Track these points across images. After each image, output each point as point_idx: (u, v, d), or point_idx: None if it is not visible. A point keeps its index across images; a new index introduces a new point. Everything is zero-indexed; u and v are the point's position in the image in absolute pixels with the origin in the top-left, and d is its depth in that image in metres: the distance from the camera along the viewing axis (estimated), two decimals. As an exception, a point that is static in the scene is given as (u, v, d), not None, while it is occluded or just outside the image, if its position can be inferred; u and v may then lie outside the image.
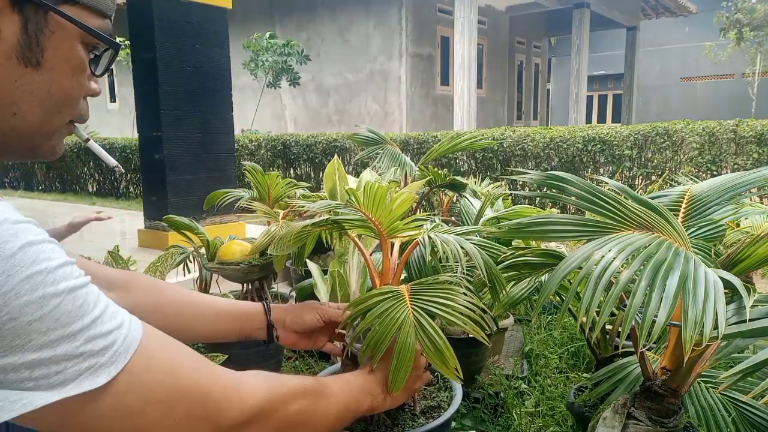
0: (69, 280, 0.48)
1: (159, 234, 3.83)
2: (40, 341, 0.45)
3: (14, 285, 0.44)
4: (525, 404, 1.58)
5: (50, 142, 0.62)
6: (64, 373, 0.46)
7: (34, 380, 0.45)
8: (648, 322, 0.67)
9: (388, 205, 0.97)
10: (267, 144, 7.36)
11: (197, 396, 0.57)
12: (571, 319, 2.08)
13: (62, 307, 0.46)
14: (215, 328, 0.94)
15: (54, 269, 0.47)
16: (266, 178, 1.90)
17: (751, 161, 4.44)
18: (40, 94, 0.57)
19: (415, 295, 0.92)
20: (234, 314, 0.96)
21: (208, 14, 3.81)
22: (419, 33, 10.40)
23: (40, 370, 0.45)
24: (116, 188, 8.80)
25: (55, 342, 0.46)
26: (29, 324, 0.44)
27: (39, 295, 0.45)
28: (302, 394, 0.69)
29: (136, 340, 0.52)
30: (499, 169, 5.55)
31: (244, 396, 0.60)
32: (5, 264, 0.44)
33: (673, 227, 0.81)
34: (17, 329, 0.44)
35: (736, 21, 12.93)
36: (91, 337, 0.48)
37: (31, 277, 0.45)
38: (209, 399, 0.57)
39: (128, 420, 0.52)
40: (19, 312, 0.44)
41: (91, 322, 0.48)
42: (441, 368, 0.84)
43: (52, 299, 0.46)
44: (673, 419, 0.87)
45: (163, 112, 3.62)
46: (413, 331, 0.84)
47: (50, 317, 0.45)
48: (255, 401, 0.61)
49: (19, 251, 0.45)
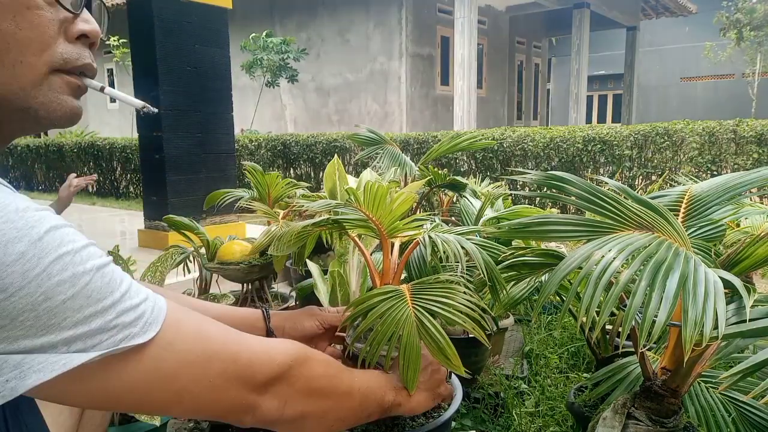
0: (94, 259, 0.49)
1: (159, 234, 3.83)
2: (75, 318, 0.46)
3: (45, 266, 0.45)
4: (525, 404, 1.58)
5: (37, 99, 0.55)
6: (101, 345, 0.48)
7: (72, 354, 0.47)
8: (648, 322, 0.67)
9: (388, 205, 0.97)
10: (267, 144, 7.36)
11: (229, 357, 0.59)
12: (571, 319, 2.08)
13: (92, 284, 0.48)
14: None
15: (80, 249, 0.48)
16: (266, 178, 1.90)
17: (751, 161, 4.44)
18: None
19: (415, 294, 0.92)
20: (234, 320, 0.96)
21: (208, 14, 3.81)
22: (419, 33, 10.40)
23: (77, 345, 0.47)
24: (116, 188, 8.80)
25: (89, 318, 0.47)
26: (63, 303, 0.46)
27: (69, 275, 0.46)
28: (326, 362, 0.72)
29: (163, 310, 0.54)
30: (499, 169, 5.55)
31: (273, 354, 0.63)
32: (35, 247, 0.45)
33: (673, 227, 0.81)
34: (52, 308, 0.45)
35: (736, 21, 12.92)
36: (122, 311, 0.50)
37: (61, 257, 0.46)
38: (240, 359, 0.60)
39: (165, 383, 0.54)
40: (53, 292, 0.45)
41: (121, 296, 0.50)
42: (446, 364, 0.84)
43: (82, 277, 0.47)
44: (673, 419, 0.87)
45: (163, 112, 3.62)
46: (415, 330, 0.85)
47: (82, 295, 0.47)
48: (283, 358, 0.64)
49: (45, 235, 0.46)
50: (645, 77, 16.21)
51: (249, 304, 1.78)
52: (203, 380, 0.56)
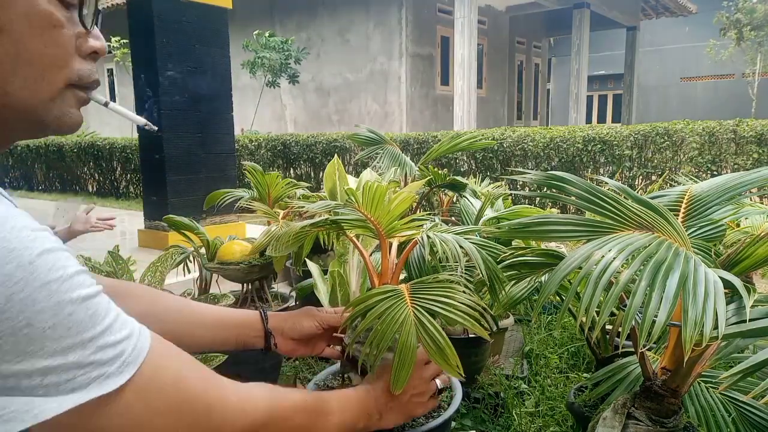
0: (82, 288, 0.48)
1: (159, 234, 3.83)
2: (53, 348, 0.45)
3: (31, 292, 0.44)
4: (525, 404, 1.58)
5: (51, 113, 0.56)
6: (74, 382, 0.47)
7: (45, 387, 0.46)
8: (648, 322, 0.67)
9: (386, 205, 0.97)
10: (267, 144, 7.36)
11: (202, 409, 0.57)
12: (571, 319, 2.08)
13: (75, 315, 0.47)
14: (214, 336, 0.94)
15: (69, 277, 0.47)
16: (266, 178, 1.90)
17: (751, 161, 4.44)
18: (9, 61, 0.51)
19: (415, 294, 0.92)
20: (233, 322, 0.96)
21: (208, 14, 3.81)
22: (419, 33, 10.40)
23: (50, 378, 0.46)
24: (116, 188, 8.80)
25: (66, 350, 0.46)
26: (43, 331, 0.45)
27: (54, 303, 0.45)
28: (303, 409, 0.71)
29: (144, 350, 0.53)
30: (499, 169, 5.55)
31: (247, 409, 0.62)
32: (24, 270, 0.44)
33: (673, 227, 0.81)
34: (32, 335, 0.44)
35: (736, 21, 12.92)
36: (100, 347, 0.49)
37: (48, 284, 0.45)
38: (213, 412, 0.58)
39: (136, 430, 0.52)
40: (35, 319, 0.44)
41: (102, 331, 0.49)
42: (443, 366, 0.84)
43: (67, 307, 0.46)
44: (673, 419, 0.87)
45: (163, 112, 3.62)
46: (414, 330, 0.84)
47: (63, 325, 0.46)
48: (257, 414, 0.62)
49: (37, 258, 0.45)
50: (645, 77, 16.21)
51: (249, 304, 1.78)
52: (174, 430, 0.55)
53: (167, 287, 2.13)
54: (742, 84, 14.69)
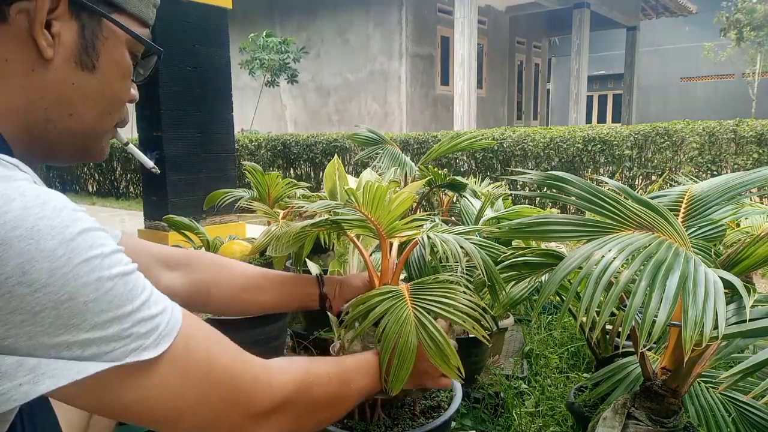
0: (120, 265, 0.51)
1: (159, 234, 3.82)
2: (93, 321, 0.48)
3: (74, 267, 0.46)
4: (525, 404, 1.58)
5: (100, 144, 0.67)
6: (113, 354, 0.49)
7: (85, 359, 0.48)
8: (648, 322, 0.67)
9: (386, 205, 0.97)
10: (267, 144, 7.36)
11: (232, 383, 0.60)
12: (571, 319, 2.07)
13: (115, 290, 0.49)
14: (280, 298, 1.02)
15: (108, 255, 0.50)
16: (266, 178, 1.90)
17: (751, 161, 4.44)
18: (94, 96, 0.61)
19: (415, 294, 0.92)
20: (293, 288, 1.03)
21: (208, 14, 3.81)
22: (419, 33, 10.39)
23: (91, 350, 0.48)
24: (116, 188, 8.80)
25: (106, 323, 0.48)
26: (85, 304, 0.47)
27: (95, 278, 0.48)
28: (327, 381, 0.73)
29: (177, 325, 0.55)
30: (499, 169, 5.55)
31: (274, 385, 0.64)
32: (66, 247, 0.46)
33: (673, 227, 0.81)
34: (74, 308, 0.46)
35: (736, 21, 12.93)
36: (138, 320, 0.51)
37: (89, 260, 0.48)
38: (242, 387, 0.61)
39: (169, 401, 0.55)
40: (77, 293, 0.47)
41: (140, 306, 0.51)
42: (443, 367, 0.84)
43: (107, 282, 0.49)
44: (673, 419, 0.87)
45: (163, 112, 3.61)
46: (414, 330, 0.84)
47: (104, 299, 0.48)
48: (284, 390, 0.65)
49: (78, 236, 0.48)
50: (645, 77, 16.21)
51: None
52: (205, 402, 0.57)
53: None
54: (742, 84, 14.69)
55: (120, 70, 0.63)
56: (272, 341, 1.67)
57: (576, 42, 11.41)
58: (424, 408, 1.08)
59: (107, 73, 0.62)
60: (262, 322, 1.65)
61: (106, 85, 0.62)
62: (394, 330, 0.84)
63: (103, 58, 0.61)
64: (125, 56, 0.64)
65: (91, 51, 0.59)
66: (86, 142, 0.65)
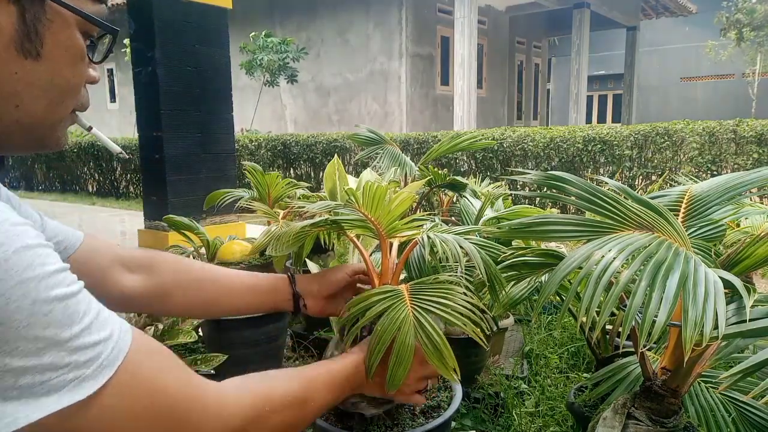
0: (61, 287, 0.47)
1: (159, 234, 3.82)
2: (28, 348, 0.44)
3: (6, 290, 0.43)
4: (525, 404, 1.58)
5: (55, 133, 0.61)
6: (49, 384, 0.45)
7: (19, 389, 0.44)
8: (648, 322, 0.67)
9: (386, 205, 0.97)
10: (267, 144, 7.36)
11: (179, 414, 0.56)
12: (571, 319, 2.07)
13: (52, 315, 0.45)
14: (247, 303, 0.97)
15: (48, 275, 0.46)
16: (266, 178, 1.90)
17: (751, 161, 4.44)
18: (42, 85, 0.56)
19: (414, 294, 0.92)
20: (263, 288, 0.99)
21: (208, 14, 3.81)
22: (419, 33, 10.39)
23: (25, 379, 0.44)
24: (116, 188, 8.80)
25: (41, 350, 0.45)
26: (17, 330, 0.43)
27: (29, 302, 0.44)
28: (289, 405, 0.69)
29: (123, 351, 0.51)
30: (499, 169, 5.55)
31: (225, 416, 0.60)
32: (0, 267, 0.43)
33: (673, 227, 0.81)
34: (5, 334, 0.43)
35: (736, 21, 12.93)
36: (77, 348, 0.47)
37: (24, 282, 0.44)
38: (190, 418, 0.56)
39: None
40: (10, 318, 0.43)
41: (80, 331, 0.48)
42: (439, 368, 0.83)
43: (44, 306, 0.45)
44: (673, 419, 0.87)
45: (163, 112, 3.61)
46: (413, 330, 0.84)
47: (39, 325, 0.44)
48: (236, 420, 0.61)
49: (14, 255, 0.44)
50: (645, 77, 16.21)
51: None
52: None
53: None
54: (742, 84, 14.69)
55: (70, 54, 0.58)
56: (272, 341, 1.67)
57: (576, 42, 11.41)
58: (424, 408, 1.08)
59: (55, 59, 0.56)
60: (261, 322, 1.65)
61: (55, 73, 0.57)
62: (392, 329, 0.84)
63: (48, 43, 0.55)
64: (76, 38, 0.58)
65: (34, 36, 0.54)
66: (38, 133, 0.59)
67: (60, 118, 0.60)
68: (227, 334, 1.54)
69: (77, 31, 0.58)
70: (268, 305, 1.00)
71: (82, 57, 0.59)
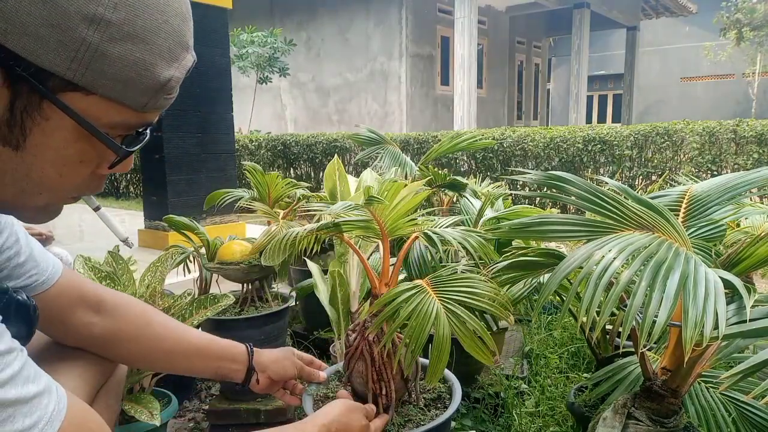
0: None
1: (159, 234, 3.82)
2: None
3: None
4: (525, 404, 1.58)
5: (29, 213, 0.58)
6: None
7: None
8: (648, 322, 0.67)
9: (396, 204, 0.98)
10: (267, 144, 7.36)
11: None
12: (571, 319, 2.07)
13: None
14: (192, 366, 0.93)
15: None
16: (266, 178, 1.90)
17: (752, 161, 4.44)
18: (15, 175, 0.52)
19: (437, 287, 0.93)
20: (215, 353, 0.95)
21: (208, 14, 3.81)
22: (419, 33, 10.39)
23: None
24: (116, 188, 8.80)
25: None
26: None
27: None
28: None
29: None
30: (499, 169, 5.55)
31: None
32: None
33: (673, 227, 0.81)
34: None
35: (736, 21, 12.93)
36: None
37: None
38: None
39: None
40: None
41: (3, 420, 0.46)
42: (476, 354, 0.84)
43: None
44: (673, 419, 0.87)
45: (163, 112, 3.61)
46: (447, 321, 0.85)
47: None
48: None
49: None
50: (645, 77, 16.21)
51: (249, 305, 1.78)
52: None
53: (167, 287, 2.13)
54: (742, 84, 14.69)
55: (60, 155, 0.52)
56: (272, 341, 1.67)
57: (576, 42, 11.41)
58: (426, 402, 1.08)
59: (39, 155, 0.51)
60: (262, 322, 1.65)
61: (35, 168, 0.51)
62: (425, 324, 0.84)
63: (35, 138, 0.50)
64: (72, 143, 0.52)
65: (16, 128, 0.49)
66: (8, 210, 0.56)
67: (34, 206, 0.56)
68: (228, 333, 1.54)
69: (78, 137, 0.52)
70: (218, 372, 0.95)
71: (79, 160, 0.54)
